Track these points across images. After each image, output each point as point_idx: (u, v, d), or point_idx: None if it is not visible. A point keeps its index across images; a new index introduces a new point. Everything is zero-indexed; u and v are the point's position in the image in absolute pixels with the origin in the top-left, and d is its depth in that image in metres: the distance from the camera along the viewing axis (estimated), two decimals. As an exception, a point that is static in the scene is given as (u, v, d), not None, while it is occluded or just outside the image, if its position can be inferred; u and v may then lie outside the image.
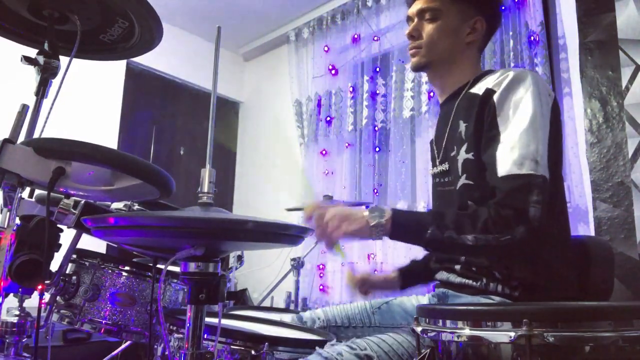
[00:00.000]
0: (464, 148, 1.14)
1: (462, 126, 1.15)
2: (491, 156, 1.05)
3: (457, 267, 1.15)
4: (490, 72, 1.21)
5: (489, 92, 1.10)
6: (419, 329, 0.79)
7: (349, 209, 1.09)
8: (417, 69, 1.28)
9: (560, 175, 1.16)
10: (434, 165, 1.29)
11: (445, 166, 1.21)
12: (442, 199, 1.25)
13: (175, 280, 1.40)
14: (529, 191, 0.98)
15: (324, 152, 3.33)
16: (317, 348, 0.99)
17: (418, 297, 1.39)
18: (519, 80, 1.08)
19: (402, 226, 1.05)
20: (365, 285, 1.42)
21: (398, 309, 1.35)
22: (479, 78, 1.21)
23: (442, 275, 1.20)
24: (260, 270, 3.13)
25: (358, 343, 1.00)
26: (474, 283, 1.10)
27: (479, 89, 1.16)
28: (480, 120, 1.10)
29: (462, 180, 1.13)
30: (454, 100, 1.23)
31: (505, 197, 0.99)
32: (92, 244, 1.31)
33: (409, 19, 1.29)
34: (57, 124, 1.17)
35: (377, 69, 3.14)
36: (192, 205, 0.91)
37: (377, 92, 3.13)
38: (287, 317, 1.52)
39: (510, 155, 1.02)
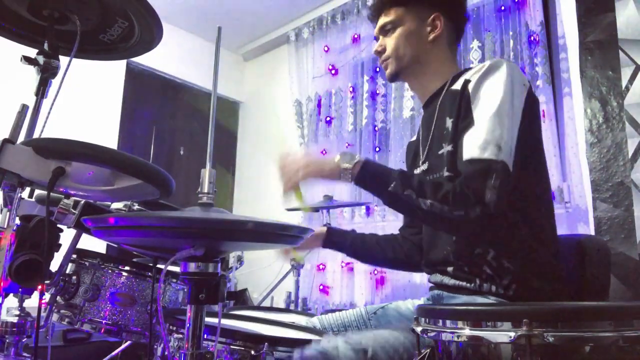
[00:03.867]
0: (447, 142, 1.15)
1: (449, 122, 1.16)
2: (461, 142, 1.08)
3: (450, 269, 1.15)
4: (470, 67, 1.23)
5: (466, 83, 1.13)
6: (419, 329, 0.79)
7: (320, 157, 1.16)
8: (391, 79, 1.34)
9: (544, 170, 1.16)
10: (415, 166, 1.31)
11: (425, 166, 1.24)
12: None
13: (175, 280, 1.40)
14: (487, 176, 0.99)
15: (324, 152, 3.33)
16: (313, 342, 1.00)
17: (414, 301, 1.39)
18: (494, 68, 1.11)
19: (368, 174, 1.10)
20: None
21: (394, 313, 1.35)
22: (459, 75, 1.22)
23: (436, 277, 1.20)
24: (260, 270, 3.12)
25: (354, 337, 1.01)
26: (468, 284, 1.10)
27: (458, 84, 1.18)
28: (460, 111, 1.13)
29: (445, 174, 1.14)
30: (436, 99, 1.25)
31: (465, 180, 1.02)
32: (92, 244, 1.31)
33: (376, 38, 1.35)
34: (57, 124, 1.17)
35: (377, 69, 3.14)
36: (192, 205, 0.91)
37: (377, 92, 3.13)
38: (299, 319, 1.51)
39: (476, 140, 1.04)
